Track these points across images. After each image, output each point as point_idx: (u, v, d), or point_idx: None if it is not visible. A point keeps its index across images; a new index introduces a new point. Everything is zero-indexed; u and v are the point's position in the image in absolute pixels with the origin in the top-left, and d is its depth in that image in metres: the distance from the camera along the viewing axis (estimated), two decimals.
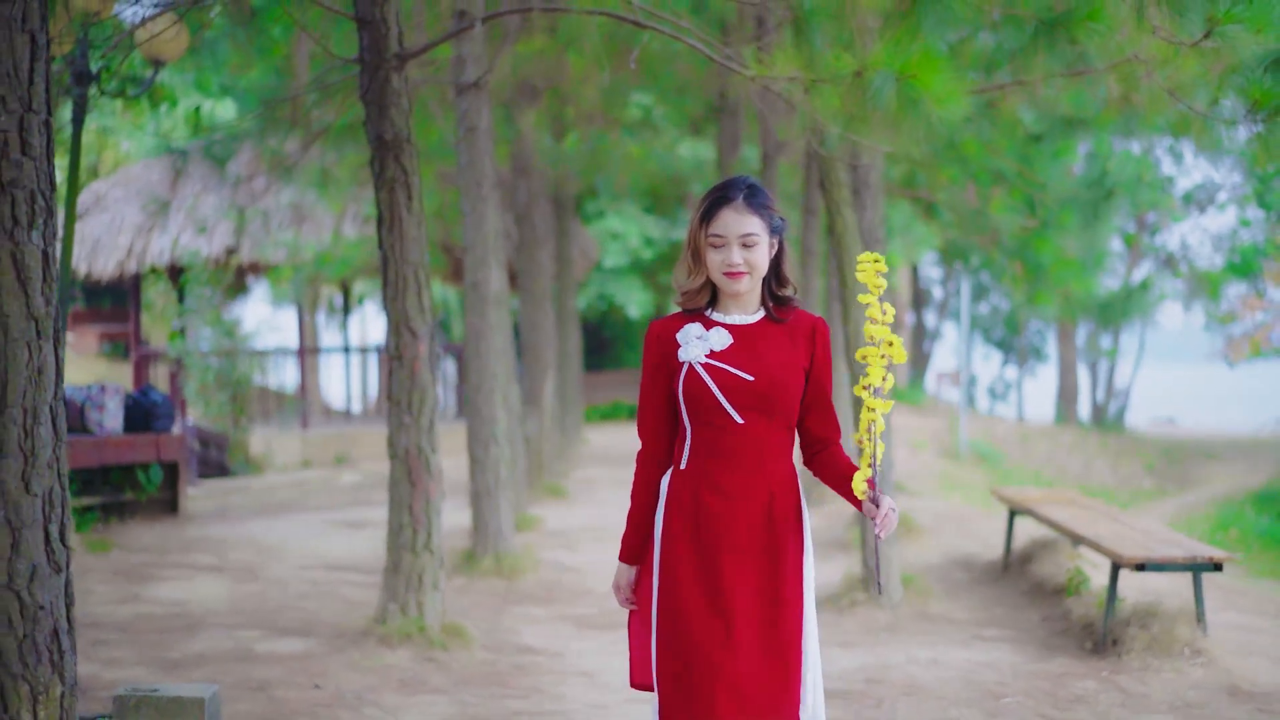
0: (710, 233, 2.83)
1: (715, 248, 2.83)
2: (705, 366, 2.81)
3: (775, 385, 2.81)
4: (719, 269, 2.83)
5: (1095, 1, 5.88)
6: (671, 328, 2.89)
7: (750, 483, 2.82)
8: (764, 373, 2.81)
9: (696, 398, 2.81)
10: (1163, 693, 5.24)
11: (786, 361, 2.85)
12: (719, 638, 2.80)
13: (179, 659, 5.67)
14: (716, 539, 2.82)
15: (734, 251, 2.81)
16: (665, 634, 2.86)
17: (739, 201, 2.83)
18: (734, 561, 2.83)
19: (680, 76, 11.16)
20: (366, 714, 4.93)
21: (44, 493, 2.49)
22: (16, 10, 2.44)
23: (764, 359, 2.83)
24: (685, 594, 2.83)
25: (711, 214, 2.84)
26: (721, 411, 2.80)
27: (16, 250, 2.46)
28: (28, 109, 2.47)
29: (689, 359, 2.82)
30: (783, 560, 2.85)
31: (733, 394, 2.80)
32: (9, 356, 2.45)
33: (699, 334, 2.86)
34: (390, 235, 5.78)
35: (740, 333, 2.86)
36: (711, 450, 2.83)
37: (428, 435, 5.86)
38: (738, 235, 2.81)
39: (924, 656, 5.88)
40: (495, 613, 6.82)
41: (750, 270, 2.83)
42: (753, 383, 2.80)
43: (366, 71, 5.71)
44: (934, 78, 4.96)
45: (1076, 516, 6.74)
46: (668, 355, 2.87)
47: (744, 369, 2.81)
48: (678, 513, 2.86)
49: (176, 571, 7.74)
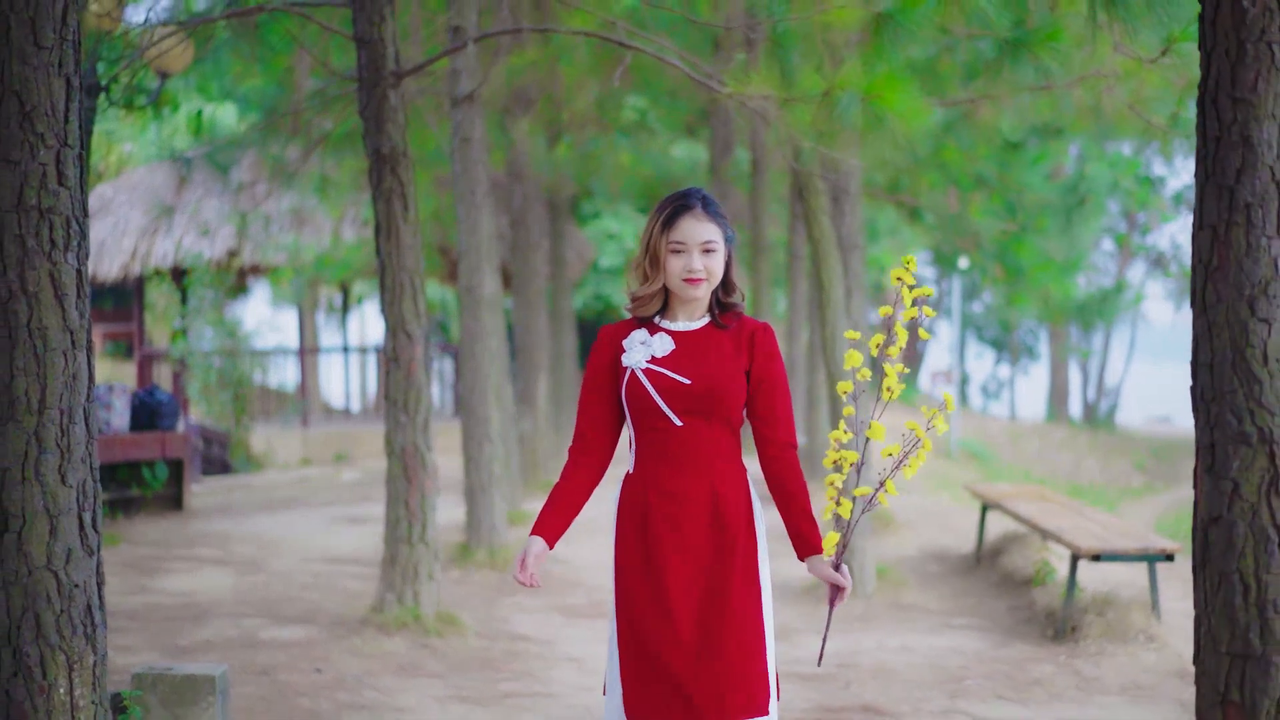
0: (672, 239, 2.88)
1: (676, 254, 2.88)
2: (645, 372, 2.89)
3: (713, 389, 2.86)
4: (679, 275, 2.89)
5: (1056, 22, 6.20)
6: (620, 334, 2.97)
7: (694, 484, 2.88)
8: (702, 377, 2.87)
9: (637, 401, 2.89)
10: (1115, 675, 5.56)
11: (727, 366, 2.90)
12: (670, 639, 2.84)
13: (187, 645, 5.98)
14: (663, 541, 2.88)
15: (695, 257, 2.87)
16: (623, 636, 2.91)
17: (699, 209, 2.89)
18: (681, 562, 2.87)
19: (671, 81, 11.46)
20: (366, 696, 5.24)
21: (78, 484, 2.81)
22: (54, 57, 2.76)
23: (704, 364, 2.89)
24: (637, 596, 2.89)
25: (673, 221, 2.89)
26: (661, 415, 2.88)
27: (54, 270, 2.78)
28: (64, 144, 2.79)
29: (631, 364, 2.91)
30: (732, 559, 2.88)
31: (671, 398, 2.87)
32: (47, 364, 2.77)
33: (643, 340, 2.93)
34: (388, 243, 6.09)
35: (683, 339, 2.93)
36: (656, 454, 2.90)
37: (423, 434, 6.16)
38: (698, 242, 2.87)
39: (894, 643, 6.20)
40: (488, 603, 7.14)
41: (708, 277, 2.89)
42: (689, 386, 2.86)
43: (364, 89, 6.02)
44: (898, 97, 5.28)
45: (1042, 511, 7.07)
46: (615, 360, 2.95)
47: (683, 374, 2.88)
48: (628, 516, 2.93)
49: (182, 564, 8.05)
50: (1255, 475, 2.44)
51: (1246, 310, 2.44)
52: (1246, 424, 2.44)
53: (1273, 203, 2.43)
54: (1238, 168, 2.44)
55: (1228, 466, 2.46)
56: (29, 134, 2.74)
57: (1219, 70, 2.47)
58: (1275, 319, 2.43)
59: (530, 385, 12.10)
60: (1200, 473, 2.52)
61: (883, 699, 5.26)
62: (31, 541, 2.76)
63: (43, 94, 2.76)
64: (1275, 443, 2.43)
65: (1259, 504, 2.43)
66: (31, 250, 2.75)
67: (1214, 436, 2.48)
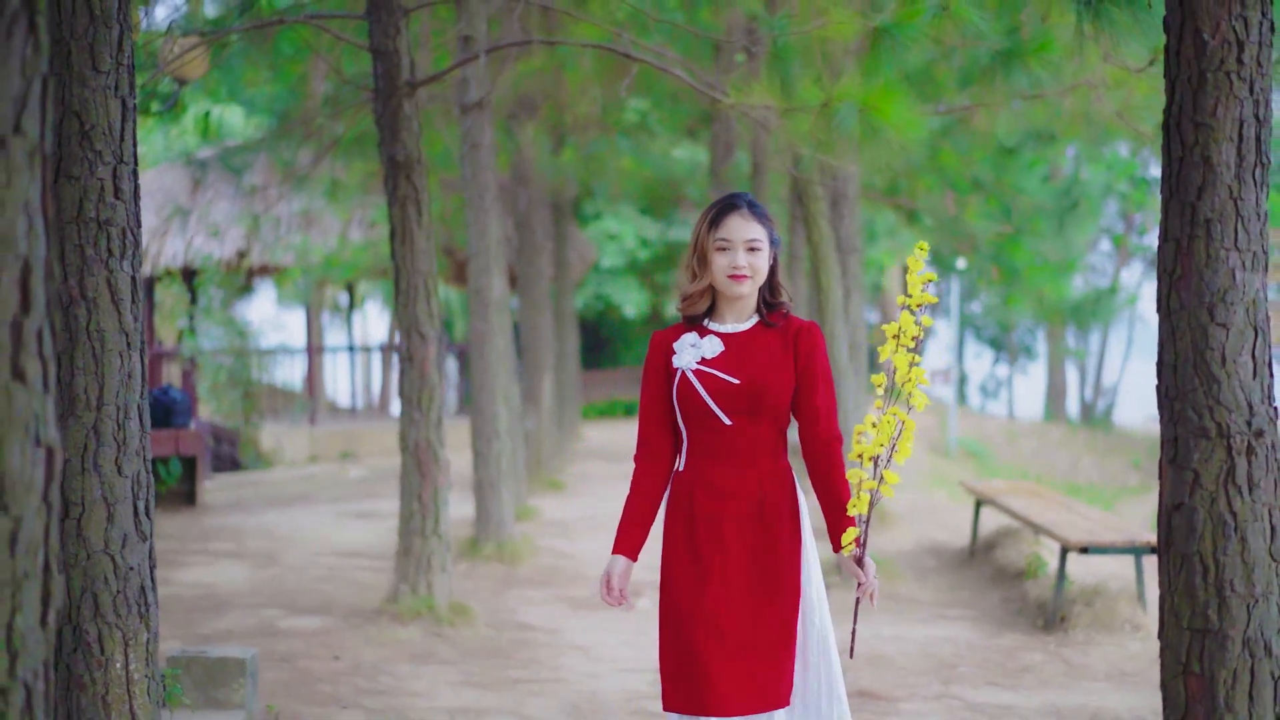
0: (718, 237, 2.96)
1: (721, 251, 2.96)
2: (696, 373, 2.97)
3: (761, 387, 2.93)
4: (724, 271, 2.96)
5: (1047, 33, 6.44)
6: (670, 337, 3.05)
7: (741, 482, 2.96)
8: (750, 376, 2.94)
9: (688, 402, 2.97)
10: (1102, 663, 5.80)
11: (775, 364, 2.96)
12: (712, 633, 2.91)
13: (209, 634, 6.22)
14: (709, 537, 2.95)
15: (739, 255, 2.95)
16: (666, 630, 3.00)
17: (744, 209, 2.98)
18: (725, 559, 2.94)
19: (673, 85, 11.69)
20: (382, 682, 5.47)
21: (133, 475, 3.05)
22: (111, 80, 3.00)
23: (752, 363, 2.96)
24: (681, 592, 2.97)
25: (720, 219, 2.98)
26: (711, 414, 2.96)
27: (111, 277, 3.02)
28: (120, 161, 3.03)
29: (682, 366, 2.99)
30: (775, 555, 2.95)
31: (720, 397, 2.95)
32: (105, 364, 3.01)
33: (693, 342, 3.01)
34: (402, 247, 6.32)
35: (732, 340, 3.00)
36: (705, 452, 2.98)
37: (436, 430, 6.39)
38: (743, 240, 2.95)
39: (889, 633, 6.44)
40: (497, 595, 7.37)
41: (753, 274, 2.97)
42: (739, 385, 2.94)
43: (380, 98, 6.24)
44: (894, 108, 5.51)
45: (1033, 505, 7.31)
46: (666, 363, 3.03)
47: (731, 374, 2.95)
48: (676, 514, 3.01)
49: (199, 558, 8.29)
50: (1214, 466, 2.67)
51: (1206, 316, 2.67)
52: (1206, 419, 2.68)
53: (1230, 218, 2.66)
54: (1199, 186, 2.68)
55: (1189, 458, 2.69)
56: (88, 151, 2.98)
57: (1182, 96, 2.70)
58: (1232, 324, 2.66)
59: (535, 384, 12.34)
60: (1164, 464, 2.75)
61: (878, 685, 5.49)
62: (90, 527, 3.00)
63: (100, 114, 3.00)
64: (1232, 437, 2.67)
65: (1217, 492, 2.67)
66: (90, 259, 2.99)
67: (1176, 431, 2.72)
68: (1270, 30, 2.69)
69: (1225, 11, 2.64)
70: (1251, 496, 2.66)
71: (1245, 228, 2.66)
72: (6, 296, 1.60)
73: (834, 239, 7.62)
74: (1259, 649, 2.66)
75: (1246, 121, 2.66)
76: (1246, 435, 2.66)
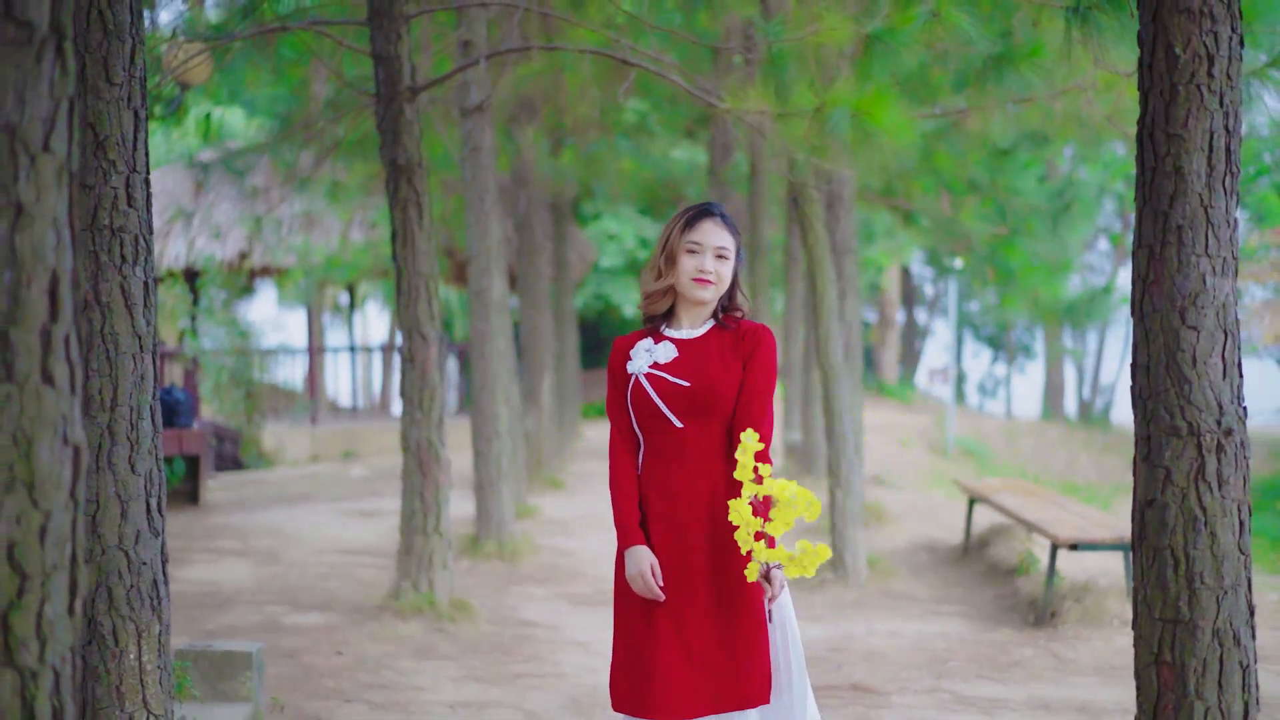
0: (690, 239, 3.02)
1: (691, 253, 3.02)
2: (647, 376, 3.03)
3: (710, 390, 2.98)
4: (690, 274, 3.02)
5: (1038, 39, 6.55)
6: (628, 344, 3.13)
7: (692, 483, 2.99)
8: (700, 379, 2.99)
9: (641, 405, 3.03)
10: (1090, 657, 5.90)
11: (725, 368, 3.01)
12: (663, 633, 2.94)
13: (215, 629, 6.33)
14: (663, 541, 2.98)
15: (708, 259, 3.01)
16: (619, 631, 3.05)
17: (718, 218, 3.05)
18: (678, 560, 2.97)
19: (671, 88, 11.80)
20: (384, 676, 5.58)
21: (145, 473, 3.16)
22: (124, 92, 3.11)
23: (703, 366, 3.01)
24: (631, 595, 3.00)
25: (694, 223, 3.04)
26: (662, 417, 3.01)
27: (124, 282, 3.13)
28: (133, 170, 3.14)
29: (635, 371, 3.06)
30: (728, 556, 2.94)
31: (671, 400, 3.00)
32: (119, 366, 3.12)
33: (648, 348, 3.08)
34: (404, 250, 6.42)
35: (685, 345, 3.06)
36: (659, 455, 3.03)
37: (437, 430, 6.50)
38: (713, 246, 3.01)
39: (883, 628, 6.55)
40: (498, 592, 7.48)
41: (717, 281, 3.02)
42: (688, 388, 2.99)
43: (382, 103, 6.35)
44: (886, 113, 5.62)
45: (1025, 503, 7.42)
46: (623, 367, 3.10)
47: (681, 377, 3.00)
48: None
49: (204, 555, 8.40)
50: (1185, 464, 2.78)
51: (1178, 319, 2.78)
52: (1178, 419, 2.79)
53: (1201, 226, 2.77)
54: (1171, 195, 2.79)
55: (1161, 456, 2.80)
56: (102, 161, 3.09)
57: (1155, 109, 2.81)
58: (1203, 327, 2.77)
59: (535, 383, 12.45)
60: (1138, 462, 2.86)
61: (871, 679, 5.60)
62: (105, 524, 3.11)
63: (114, 125, 3.11)
64: (1202, 435, 2.77)
65: (1188, 489, 2.78)
66: (104, 265, 3.11)
67: (1150, 430, 2.83)
68: (1240, 45, 2.80)
69: (1196, 27, 2.75)
70: (1221, 492, 2.77)
71: (1215, 234, 2.77)
72: (36, 305, 1.70)
73: (829, 241, 7.73)
74: (1228, 639, 2.77)
75: (1216, 133, 2.77)
76: (1216, 434, 2.77)
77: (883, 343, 28.31)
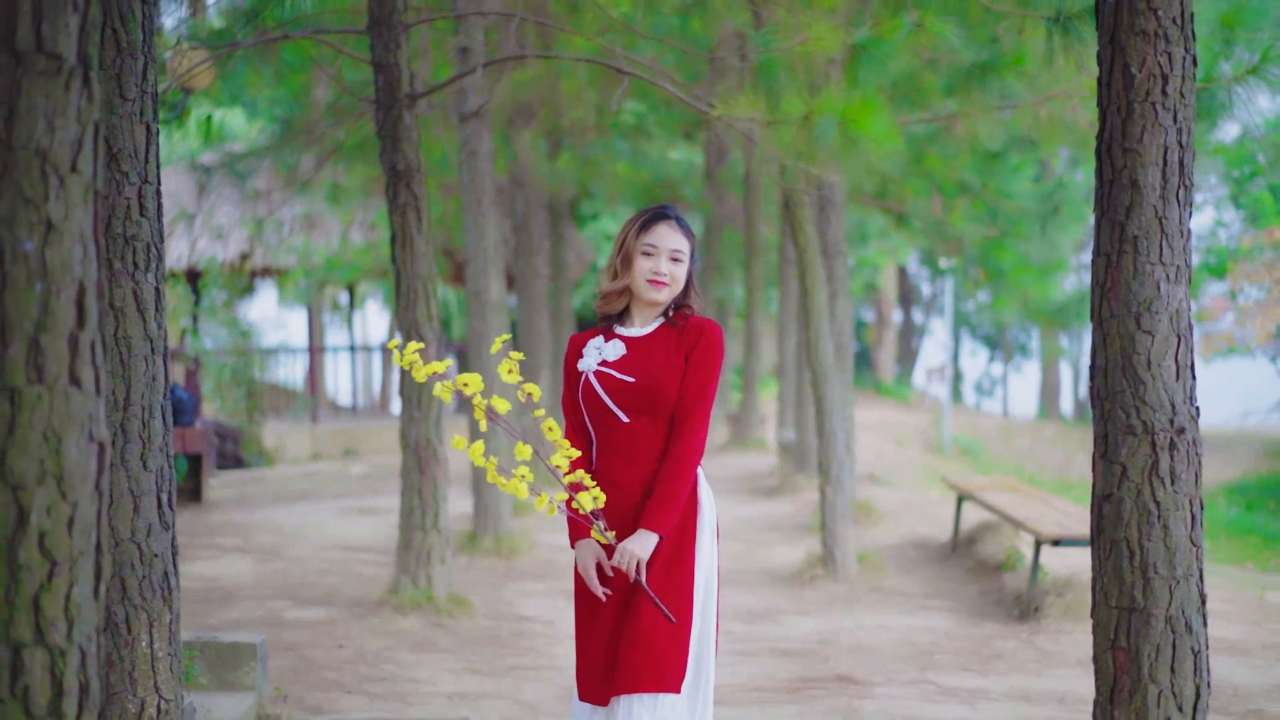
0: (646, 241, 3.09)
1: (647, 255, 3.09)
2: (597, 374, 3.12)
3: (654, 385, 3.06)
4: (644, 275, 3.09)
5: (1022, 47, 6.71)
6: (581, 342, 3.23)
7: (635, 475, 3.08)
8: (645, 375, 3.07)
9: (590, 401, 3.13)
10: (1072, 650, 6.07)
11: (670, 364, 3.09)
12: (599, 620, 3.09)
13: (218, 624, 6.49)
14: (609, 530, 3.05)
15: (663, 261, 3.09)
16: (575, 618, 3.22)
17: (673, 221, 3.13)
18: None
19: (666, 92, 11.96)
20: (384, 669, 5.74)
21: (157, 470, 3.33)
22: (136, 107, 3.27)
23: (649, 363, 3.09)
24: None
25: (650, 225, 3.11)
26: (609, 412, 3.10)
27: (137, 288, 3.29)
28: (145, 181, 3.30)
29: (584, 368, 3.16)
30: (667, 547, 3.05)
31: (618, 396, 3.09)
32: (131, 368, 3.28)
33: (598, 346, 3.18)
34: (403, 253, 6.58)
35: (634, 343, 3.15)
36: (609, 449, 3.12)
37: (435, 428, 6.65)
38: (669, 248, 3.09)
39: (871, 623, 6.71)
40: (495, 587, 7.64)
41: (671, 283, 3.10)
42: (633, 384, 3.07)
43: (381, 109, 6.50)
44: (872, 120, 5.78)
45: (1011, 500, 7.58)
46: (575, 364, 3.20)
47: (628, 373, 3.09)
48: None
49: (206, 552, 8.56)
50: (1139, 460, 2.95)
51: (1134, 324, 2.94)
52: (1133, 418, 2.95)
53: (1155, 235, 2.93)
54: (1127, 206, 2.95)
55: (1118, 453, 2.97)
56: (116, 173, 3.25)
57: (1112, 125, 2.97)
58: (1157, 331, 2.93)
59: (533, 382, 12.59)
60: (1096, 458, 3.02)
61: (858, 670, 5.77)
62: (118, 518, 3.28)
63: (127, 139, 3.27)
64: (1156, 433, 2.94)
65: (1143, 484, 2.94)
66: (118, 272, 3.26)
67: (1107, 428, 2.99)
68: (1193, 64, 2.96)
69: (1151, 48, 2.91)
70: (1174, 488, 2.93)
71: (1169, 244, 2.93)
72: (65, 314, 1.86)
73: (820, 243, 7.90)
74: (1180, 626, 2.93)
75: (1170, 148, 2.93)
76: (1169, 433, 2.93)
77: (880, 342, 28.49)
